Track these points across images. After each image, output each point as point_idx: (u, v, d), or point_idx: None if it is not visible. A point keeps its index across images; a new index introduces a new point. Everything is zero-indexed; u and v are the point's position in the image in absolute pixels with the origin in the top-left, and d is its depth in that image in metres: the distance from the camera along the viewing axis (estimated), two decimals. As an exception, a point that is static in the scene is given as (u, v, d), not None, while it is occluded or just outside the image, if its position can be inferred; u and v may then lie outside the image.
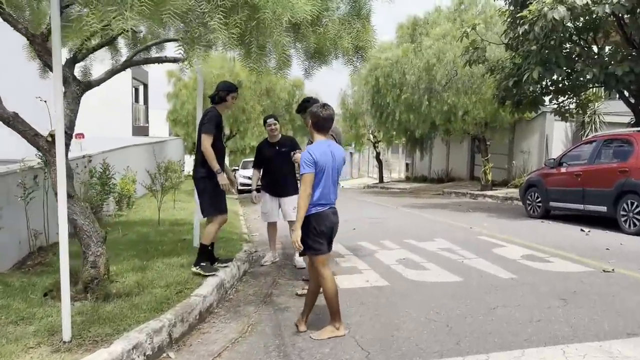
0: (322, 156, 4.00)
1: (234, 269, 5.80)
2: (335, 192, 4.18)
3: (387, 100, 18.55)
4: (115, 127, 27.26)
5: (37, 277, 5.04)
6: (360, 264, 6.62)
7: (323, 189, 4.04)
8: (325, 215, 4.10)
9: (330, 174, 4.07)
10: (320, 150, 4.03)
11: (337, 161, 4.13)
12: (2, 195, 5.30)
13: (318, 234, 4.07)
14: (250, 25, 4.00)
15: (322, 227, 4.08)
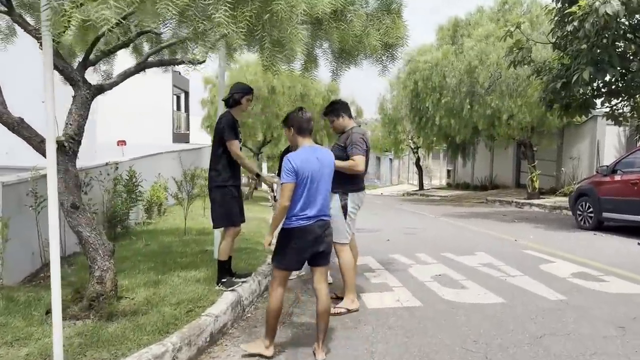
0: (304, 163, 3.68)
1: (254, 284, 5.40)
2: (326, 202, 3.83)
3: (427, 105, 17.89)
4: (156, 134, 27.61)
5: (45, 292, 4.77)
6: (392, 280, 6.11)
7: (307, 199, 3.70)
8: (308, 230, 3.71)
9: (317, 182, 3.73)
10: (301, 157, 3.71)
11: (326, 167, 3.80)
12: (13, 205, 5.09)
13: (294, 249, 3.72)
14: (263, 18, 3.60)
15: (303, 243, 3.72)
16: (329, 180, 3.85)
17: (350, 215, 4.94)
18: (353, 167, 4.84)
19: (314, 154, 3.77)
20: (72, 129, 4.48)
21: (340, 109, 5.08)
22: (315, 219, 3.74)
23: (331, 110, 5.10)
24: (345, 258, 4.96)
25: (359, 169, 4.87)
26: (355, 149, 4.84)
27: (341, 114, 5.05)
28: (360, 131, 5.00)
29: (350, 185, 4.92)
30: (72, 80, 4.61)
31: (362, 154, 4.86)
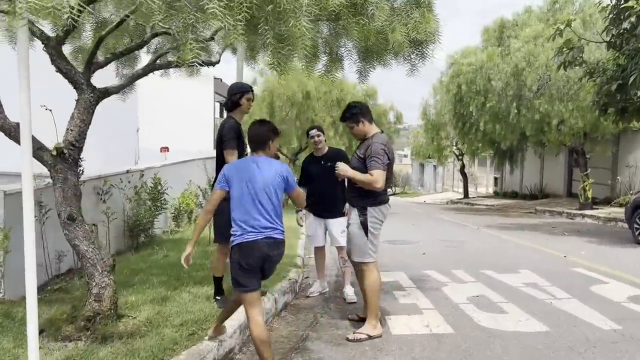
0: (238, 172, 3.52)
1: (268, 303, 4.98)
2: (271, 216, 3.48)
3: (470, 109, 17.09)
4: (197, 140, 27.82)
5: (47, 306, 4.50)
6: (423, 301, 5.56)
7: (246, 212, 3.45)
8: (251, 247, 3.42)
9: (258, 196, 3.44)
10: (237, 166, 3.61)
11: (266, 179, 3.47)
12: (16, 215, 4.84)
13: (243, 268, 3.43)
14: (266, 10, 3.19)
15: (249, 260, 3.43)
16: (274, 195, 3.49)
17: (372, 232, 4.42)
18: (371, 184, 4.31)
19: (254, 164, 3.54)
20: (72, 135, 4.21)
21: (360, 113, 4.55)
22: (262, 235, 3.43)
23: (349, 115, 4.59)
24: (370, 279, 4.46)
25: (376, 187, 4.34)
26: (375, 163, 4.30)
27: (360, 119, 4.54)
28: (382, 140, 4.47)
29: (370, 199, 4.41)
30: (75, 83, 4.34)
31: (382, 168, 4.32)
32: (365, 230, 4.39)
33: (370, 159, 4.33)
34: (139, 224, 7.50)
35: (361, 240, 4.41)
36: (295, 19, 3.04)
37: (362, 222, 4.39)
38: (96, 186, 6.53)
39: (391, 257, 8.33)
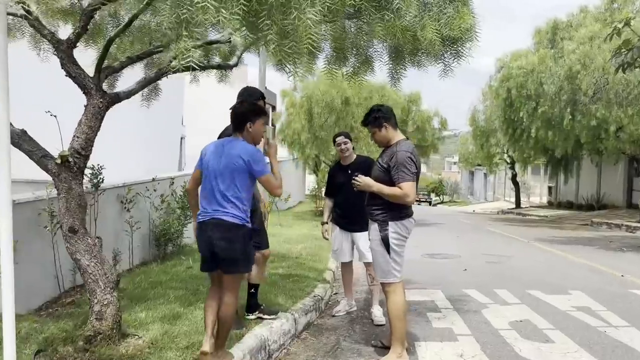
0: (209, 154, 3.53)
1: (287, 323, 4.60)
2: (223, 198, 3.38)
3: (521, 115, 16.23)
4: (243, 147, 27.88)
5: (53, 323, 4.28)
6: (459, 326, 5.05)
7: (205, 192, 3.48)
8: (201, 227, 3.46)
9: (216, 176, 3.40)
10: (210, 148, 3.60)
11: (224, 161, 3.39)
12: (27, 225, 4.70)
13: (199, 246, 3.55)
14: (268, 3, 2.84)
15: (198, 241, 3.54)
16: (229, 177, 3.37)
17: (395, 249, 3.97)
18: (401, 199, 3.89)
19: (223, 146, 3.48)
20: (78, 143, 3.97)
21: (383, 117, 4.12)
22: (209, 216, 3.41)
23: (371, 119, 4.16)
24: (395, 301, 4.00)
25: (407, 201, 3.91)
26: (402, 174, 3.86)
27: (384, 123, 4.10)
28: (407, 147, 4.02)
29: (391, 212, 3.96)
30: (84, 88, 4.12)
31: (411, 179, 3.89)
32: (387, 248, 3.95)
33: (397, 170, 3.89)
34: (166, 233, 7.31)
35: (383, 259, 3.98)
36: (300, 11, 2.67)
37: (384, 238, 3.95)
38: (120, 194, 6.37)
39: (429, 272, 7.82)
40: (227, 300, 3.46)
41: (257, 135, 3.54)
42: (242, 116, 3.50)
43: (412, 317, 5.36)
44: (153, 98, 5.89)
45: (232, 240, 3.37)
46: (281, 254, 7.91)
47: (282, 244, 8.82)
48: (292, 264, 7.16)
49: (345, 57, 4.67)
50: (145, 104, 5.83)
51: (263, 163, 3.45)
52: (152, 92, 5.88)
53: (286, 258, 7.61)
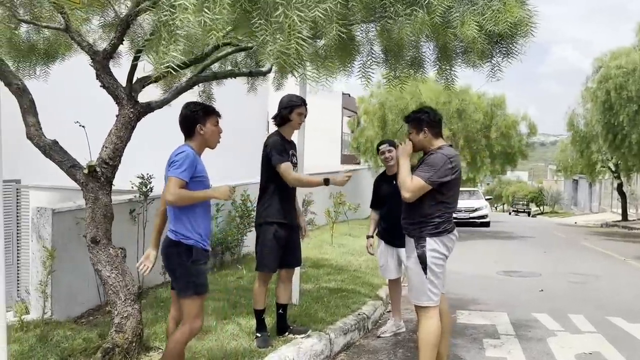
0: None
1: (319, 344, 4.32)
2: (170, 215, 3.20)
3: (621, 119, 14.73)
4: (324, 155, 27.99)
5: (87, 331, 4.33)
6: (515, 356, 4.49)
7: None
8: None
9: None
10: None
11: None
12: (68, 233, 4.79)
13: None
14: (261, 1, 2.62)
15: None
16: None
17: (433, 268, 3.54)
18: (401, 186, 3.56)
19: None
20: (106, 153, 3.99)
21: (426, 121, 3.70)
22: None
23: (413, 118, 3.74)
24: (426, 327, 3.57)
25: (403, 195, 3.55)
26: (422, 172, 3.50)
27: (424, 128, 3.67)
28: (448, 152, 3.58)
29: (429, 227, 3.54)
30: (116, 98, 4.13)
31: (425, 181, 3.43)
32: (423, 267, 3.54)
33: (422, 167, 3.53)
34: (223, 242, 7.30)
35: (418, 279, 3.57)
36: (286, 7, 2.42)
37: (420, 255, 3.55)
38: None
39: (499, 292, 7.18)
40: (181, 327, 3.20)
41: (211, 136, 3.27)
42: (189, 120, 3.23)
43: (464, 342, 4.89)
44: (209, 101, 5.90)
45: (167, 256, 3.17)
46: (339, 266, 7.63)
47: (344, 255, 8.54)
48: (348, 277, 6.85)
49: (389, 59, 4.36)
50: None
51: (179, 164, 3.05)
52: (206, 100, 5.91)
53: (343, 271, 7.32)
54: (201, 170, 3.18)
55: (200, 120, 3.21)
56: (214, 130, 3.28)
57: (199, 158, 3.21)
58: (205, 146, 3.30)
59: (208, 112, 3.28)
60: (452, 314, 5.92)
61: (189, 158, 3.07)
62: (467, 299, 6.76)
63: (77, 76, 5.01)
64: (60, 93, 5.79)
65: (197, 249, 3.14)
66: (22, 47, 4.96)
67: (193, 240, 3.12)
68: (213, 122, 3.27)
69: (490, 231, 17.50)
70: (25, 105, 3.94)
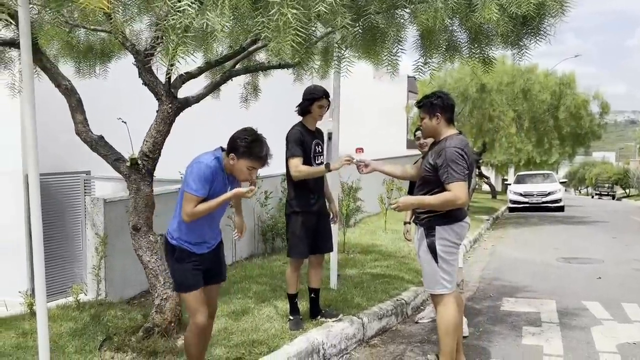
0: None
1: (351, 328, 4.43)
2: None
3: None
4: (390, 140, 27.73)
5: (135, 312, 4.69)
6: (553, 345, 4.39)
7: None
8: None
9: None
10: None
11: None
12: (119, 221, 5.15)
13: None
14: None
15: None
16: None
17: (443, 257, 3.53)
18: (451, 203, 3.43)
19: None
20: (147, 146, 4.28)
21: (440, 106, 3.64)
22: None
23: (426, 102, 3.68)
24: (443, 315, 3.58)
25: (458, 204, 3.44)
26: (452, 173, 3.38)
27: (437, 113, 3.62)
28: (458, 143, 3.51)
29: (439, 216, 3.53)
30: (156, 94, 4.41)
31: (462, 178, 3.39)
32: (434, 256, 3.55)
33: (445, 169, 3.43)
34: (273, 228, 7.55)
35: (430, 268, 3.59)
36: (281, 5, 2.51)
37: (430, 245, 3.56)
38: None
39: (553, 279, 6.96)
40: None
41: (238, 172, 3.06)
42: (231, 143, 3.05)
43: (503, 329, 4.83)
44: (252, 99, 6.12)
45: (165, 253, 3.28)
46: (388, 253, 7.68)
47: (395, 241, 8.55)
48: (394, 263, 6.90)
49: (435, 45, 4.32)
50: (244, 105, 6.08)
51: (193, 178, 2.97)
52: (250, 94, 6.12)
53: (391, 257, 7.36)
54: (217, 190, 3.02)
55: (237, 153, 2.99)
56: (243, 170, 3.02)
57: (220, 173, 3.05)
58: (230, 172, 3.09)
59: (245, 154, 2.98)
60: (498, 301, 5.86)
61: (204, 174, 2.96)
62: (518, 286, 6.62)
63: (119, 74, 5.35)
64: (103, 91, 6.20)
65: (182, 249, 3.09)
66: (80, 49, 5.37)
67: (177, 241, 3.10)
68: (247, 164, 3.00)
69: (562, 216, 16.75)
70: (73, 104, 4.28)
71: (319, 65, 4.63)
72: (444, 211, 3.51)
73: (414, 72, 4.32)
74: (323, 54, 4.62)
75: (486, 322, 5.05)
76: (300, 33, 2.57)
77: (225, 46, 5.28)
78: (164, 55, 2.82)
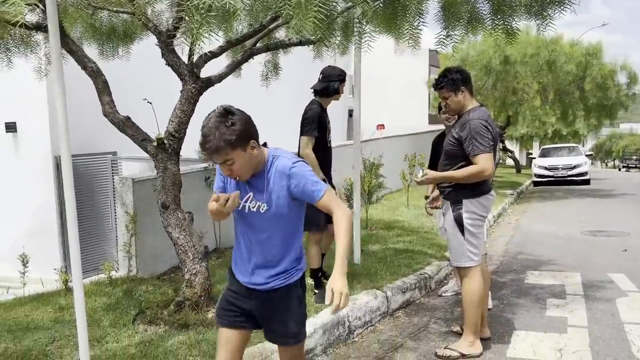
0: None
1: (375, 301, 4.51)
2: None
3: None
4: (412, 116, 27.51)
5: (166, 287, 4.85)
6: (577, 316, 4.41)
7: None
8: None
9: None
10: None
11: None
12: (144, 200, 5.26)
13: None
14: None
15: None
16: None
17: (470, 229, 3.57)
18: (478, 175, 3.47)
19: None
20: (172, 126, 4.36)
21: (460, 80, 3.65)
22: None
23: (447, 81, 3.67)
24: (469, 287, 3.63)
25: (485, 176, 3.48)
26: (477, 145, 3.43)
27: (461, 87, 3.64)
28: (481, 115, 3.55)
29: (465, 189, 3.57)
30: (180, 74, 4.48)
31: (488, 150, 3.43)
32: (461, 229, 3.58)
33: (471, 141, 3.47)
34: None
35: (456, 241, 3.63)
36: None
37: (457, 218, 3.59)
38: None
39: (578, 252, 6.92)
40: None
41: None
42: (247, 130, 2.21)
43: (527, 302, 4.87)
44: (272, 77, 6.16)
45: None
46: (410, 228, 7.72)
47: (417, 217, 8.57)
48: (417, 238, 6.94)
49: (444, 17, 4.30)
50: (264, 84, 6.13)
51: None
52: (271, 72, 6.16)
53: (414, 232, 7.40)
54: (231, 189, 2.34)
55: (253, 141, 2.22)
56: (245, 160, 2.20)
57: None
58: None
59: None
60: (522, 274, 5.88)
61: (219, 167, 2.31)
62: (543, 259, 6.61)
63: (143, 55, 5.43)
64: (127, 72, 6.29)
65: (229, 271, 2.52)
66: (104, 31, 5.45)
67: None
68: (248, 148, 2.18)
69: (588, 189, 16.52)
70: (100, 85, 4.37)
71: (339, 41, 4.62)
72: (470, 184, 3.54)
73: (436, 45, 4.29)
74: (343, 30, 4.63)
75: (510, 295, 5.08)
76: (322, 9, 2.60)
77: (245, 24, 5.33)
78: (188, 36, 2.85)
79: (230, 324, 2.39)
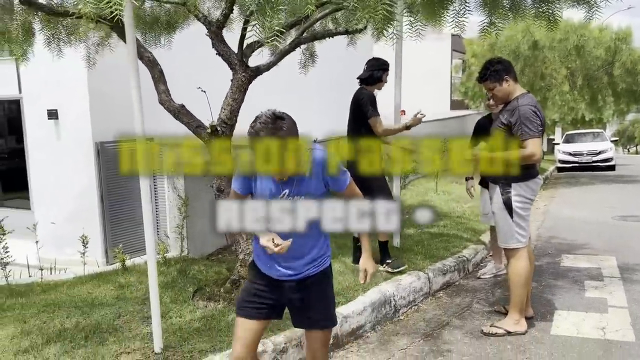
0: None
1: (419, 281, 4.69)
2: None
3: None
4: (434, 101, 27.34)
5: (218, 266, 5.07)
6: (616, 297, 4.54)
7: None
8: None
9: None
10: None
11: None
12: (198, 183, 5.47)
13: None
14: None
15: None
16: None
17: (519, 212, 3.71)
18: (527, 159, 3.61)
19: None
20: (225, 114, 4.54)
21: (504, 70, 3.77)
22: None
23: (491, 72, 3.79)
24: (517, 268, 3.78)
25: (534, 160, 3.62)
26: (527, 130, 3.56)
27: (505, 76, 3.75)
28: (530, 101, 3.67)
29: None
30: (230, 64, 4.64)
31: (537, 135, 3.56)
32: (509, 211, 3.73)
33: (521, 126, 3.60)
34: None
35: (505, 223, 3.77)
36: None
37: (505, 201, 3.73)
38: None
39: (612, 237, 7.00)
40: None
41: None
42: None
43: (565, 284, 5.00)
44: (310, 64, 6.31)
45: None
46: (442, 213, 7.83)
47: (448, 202, 8.70)
48: (450, 223, 7.07)
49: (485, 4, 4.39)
50: (303, 71, 6.28)
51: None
52: (308, 60, 6.31)
53: (446, 217, 7.53)
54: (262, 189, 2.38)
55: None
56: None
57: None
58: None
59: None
60: (557, 258, 6.00)
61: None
62: (576, 243, 6.70)
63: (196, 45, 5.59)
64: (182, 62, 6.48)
65: (253, 264, 2.58)
66: (147, 20, 5.64)
67: (254, 252, 2.56)
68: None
69: (612, 175, 16.43)
70: (156, 75, 4.56)
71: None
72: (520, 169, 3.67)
73: (479, 33, 4.40)
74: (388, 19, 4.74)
75: (548, 277, 5.22)
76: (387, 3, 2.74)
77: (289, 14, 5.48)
78: (260, 31, 3.01)
79: (251, 315, 2.47)
